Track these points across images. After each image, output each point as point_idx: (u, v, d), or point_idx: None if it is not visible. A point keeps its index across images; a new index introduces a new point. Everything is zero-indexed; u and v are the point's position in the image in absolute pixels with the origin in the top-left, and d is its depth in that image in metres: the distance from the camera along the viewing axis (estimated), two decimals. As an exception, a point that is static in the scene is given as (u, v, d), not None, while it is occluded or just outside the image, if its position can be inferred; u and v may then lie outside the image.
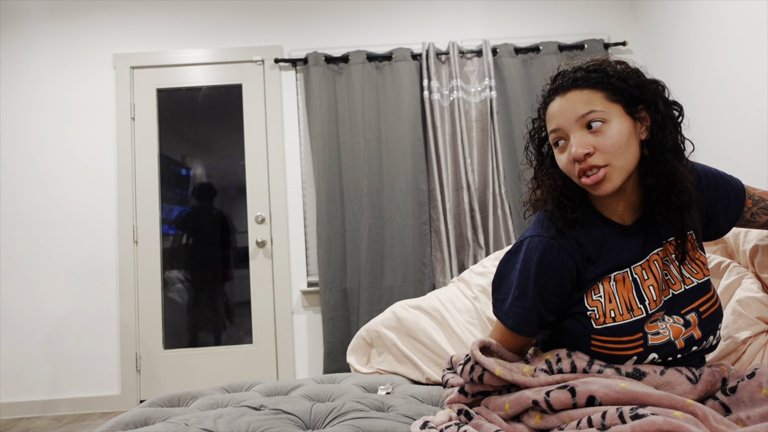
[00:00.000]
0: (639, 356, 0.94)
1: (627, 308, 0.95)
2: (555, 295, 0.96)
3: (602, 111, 0.91)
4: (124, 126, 3.16)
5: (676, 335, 0.94)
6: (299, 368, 3.11)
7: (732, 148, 2.49)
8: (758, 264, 1.29)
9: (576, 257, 0.96)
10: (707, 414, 0.80)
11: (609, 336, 0.94)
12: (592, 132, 0.91)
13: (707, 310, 0.97)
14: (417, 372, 1.57)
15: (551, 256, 0.96)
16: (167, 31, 3.25)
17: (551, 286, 0.96)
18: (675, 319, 0.96)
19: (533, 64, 3.18)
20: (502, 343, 1.05)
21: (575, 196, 1.02)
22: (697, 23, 2.72)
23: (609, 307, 0.95)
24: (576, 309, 0.97)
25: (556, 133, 0.96)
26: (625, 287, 0.96)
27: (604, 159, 0.90)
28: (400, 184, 3.05)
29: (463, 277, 1.82)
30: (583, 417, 0.85)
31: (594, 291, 0.97)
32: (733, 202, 1.06)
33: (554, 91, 0.97)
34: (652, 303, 0.95)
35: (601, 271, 0.97)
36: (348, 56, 3.15)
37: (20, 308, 3.05)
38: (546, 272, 0.96)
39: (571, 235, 0.98)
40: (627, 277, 0.97)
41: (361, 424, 1.11)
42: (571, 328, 0.99)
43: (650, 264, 0.98)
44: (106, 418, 2.85)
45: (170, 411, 1.31)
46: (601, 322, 0.95)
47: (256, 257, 3.16)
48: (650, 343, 0.93)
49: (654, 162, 0.93)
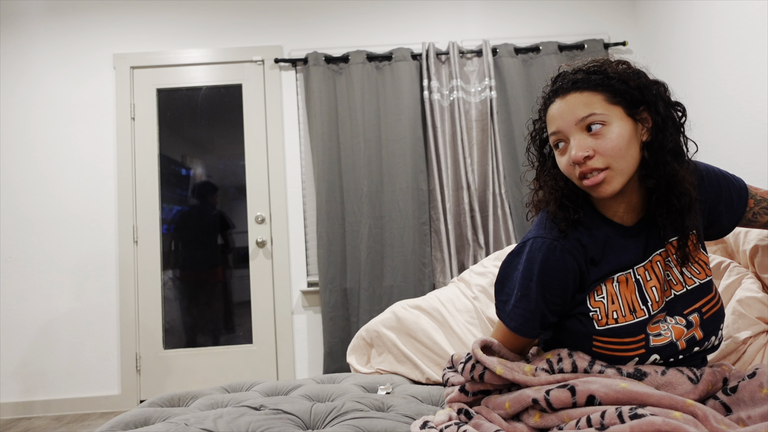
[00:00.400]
0: (641, 357, 0.94)
1: (630, 309, 0.94)
2: (558, 297, 0.96)
3: (602, 114, 0.91)
4: (124, 126, 3.16)
5: (678, 336, 0.94)
6: (299, 368, 3.11)
7: (732, 148, 2.49)
8: (758, 264, 1.29)
9: (579, 258, 0.96)
10: (707, 414, 0.80)
11: (611, 337, 0.94)
12: (592, 134, 0.91)
13: (709, 311, 0.97)
14: (417, 372, 1.57)
15: (554, 257, 0.95)
16: (167, 31, 3.25)
17: (554, 288, 0.95)
18: (677, 320, 0.96)
19: (533, 64, 3.18)
20: (505, 344, 1.05)
21: (577, 197, 1.01)
22: (697, 23, 2.72)
23: (612, 309, 0.95)
24: (578, 310, 0.97)
25: (556, 135, 0.96)
26: (628, 288, 0.96)
27: (604, 162, 0.90)
28: (400, 184, 3.05)
29: (463, 277, 1.82)
30: (583, 416, 0.85)
31: (597, 292, 0.97)
32: (736, 202, 1.05)
33: (554, 93, 0.97)
34: (654, 304, 0.95)
35: (604, 272, 0.97)
36: (348, 56, 3.15)
37: (20, 308, 3.05)
38: (549, 274, 0.95)
39: (574, 236, 0.97)
40: (630, 278, 0.97)
41: (361, 424, 1.11)
42: (572, 329, 0.98)
43: (652, 265, 0.98)
44: (106, 418, 2.85)
45: (170, 411, 1.31)
46: (604, 323, 0.94)
47: (256, 257, 3.15)
48: (652, 345, 0.93)
49: (654, 164, 0.93)
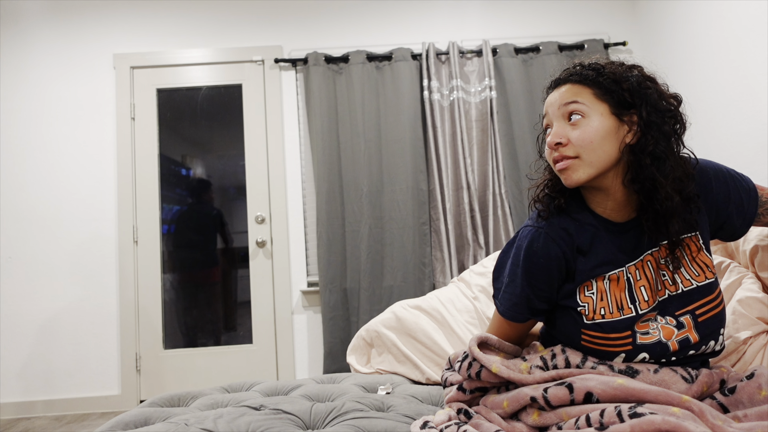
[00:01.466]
0: (627, 354, 0.95)
1: (617, 307, 0.96)
2: (543, 282, 1.00)
3: (584, 105, 0.95)
4: (124, 126, 3.16)
5: (667, 336, 0.94)
6: (299, 368, 3.11)
7: (732, 148, 2.49)
8: (758, 264, 1.29)
9: (563, 246, 0.99)
10: (703, 410, 0.80)
11: (597, 332, 0.96)
12: (571, 124, 0.96)
13: (705, 313, 0.96)
14: (417, 372, 1.57)
15: (538, 244, 1.00)
16: (167, 31, 3.24)
17: (539, 273, 1.00)
18: (668, 320, 0.96)
19: (533, 64, 3.18)
20: (499, 332, 1.10)
21: (563, 187, 1.04)
22: (697, 23, 2.72)
23: (600, 305, 0.97)
24: (568, 303, 1.00)
25: (545, 120, 1.02)
26: (619, 286, 0.98)
27: (575, 151, 0.94)
28: (400, 184, 3.05)
29: (463, 277, 1.82)
30: (581, 415, 0.85)
31: (587, 287, 0.99)
32: (746, 202, 1.05)
33: (554, 83, 1.03)
34: (643, 303, 0.96)
35: (592, 264, 0.99)
36: (348, 56, 3.15)
37: (20, 308, 3.05)
38: (533, 260, 1.00)
39: (561, 224, 1.01)
40: (622, 276, 0.98)
41: (361, 424, 1.11)
42: (563, 322, 1.02)
43: (644, 264, 0.99)
44: (106, 418, 2.85)
45: (170, 411, 1.31)
46: (591, 317, 0.97)
47: (256, 257, 3.15)
48: (639, 342, 0.94)
49: (635, 167, 0.94)
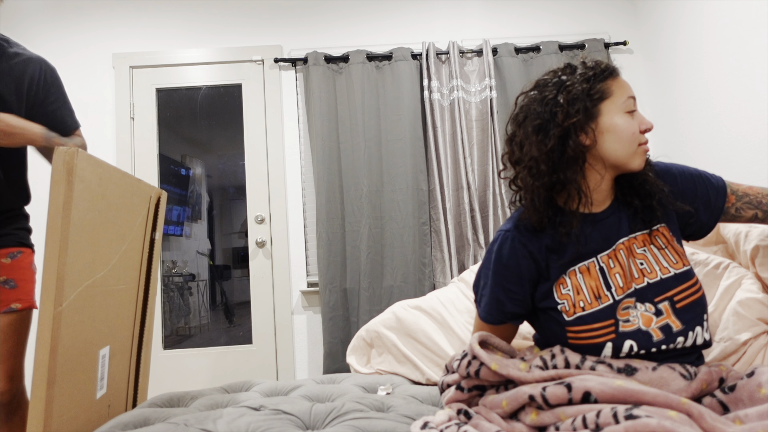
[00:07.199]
0: (614, 343, 0.96)
1: (595, 296, 0.98)
2: (514, 284, 1.05)
3: None
4: (123, 126, 3.16)
5: (646, 324, 0.96)
6: (299, 369, 3.10)
7: (732, 148, 2.49)
8: (759, 264, 1.28)
9: (530, 247, 1.03)
10: (702, 413, 0.80)
11: (581, 325, 0.97)
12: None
13: (684, 299, 0.98)
14: (417, 372, 1.57)
15: (506, 246, 1.05)
16: (167, 31, 3.24)
17: (508, 275, 1.05)
18: (647, 307, 0.98)
19: (533, 63, 3.18)
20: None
21: (552, 201, 1.06)
22: (697, 23, 2.71)
23: (578, 299, 0.99)
24: (547, 304, 1.02)
25: (633, 100, 1.02)
26: (592, 276, 1.00)
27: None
28: (400, 184, 3.05)
29: (463, 278, 1.82)
30: (578, 415, 0.85)
31: (563, 285, 1.01)
32: (714, 198, 1.09)
33: (610, 73, 1.02)
34: (618, 289, 0.99)
35: (566, 259, 1.01)
36: (348, 56, 3.15)
37: (20, 308, 3.04)
38: (502, 262, 1.05)
39: (529, 227, 1.05)
40: (593, 267, 1.01)
41: (361, 425, 1.11)
42: (547, 324, 1.04)
43: (616, 253, 1.01)
44: (106, 418, 2.85)
45: (170, 411, 1.31)
46: (572, 313, 0.99)
47: (256, 257, 3.15)
48: (621, 330, 0.96)
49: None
